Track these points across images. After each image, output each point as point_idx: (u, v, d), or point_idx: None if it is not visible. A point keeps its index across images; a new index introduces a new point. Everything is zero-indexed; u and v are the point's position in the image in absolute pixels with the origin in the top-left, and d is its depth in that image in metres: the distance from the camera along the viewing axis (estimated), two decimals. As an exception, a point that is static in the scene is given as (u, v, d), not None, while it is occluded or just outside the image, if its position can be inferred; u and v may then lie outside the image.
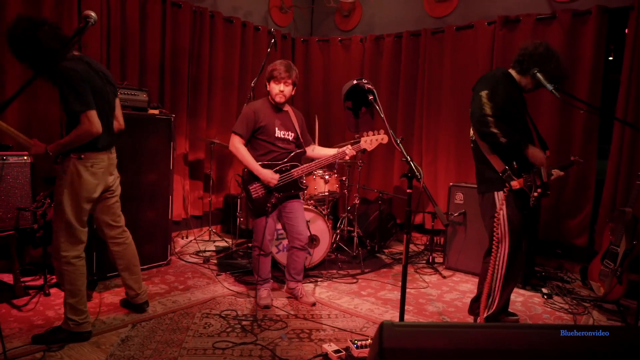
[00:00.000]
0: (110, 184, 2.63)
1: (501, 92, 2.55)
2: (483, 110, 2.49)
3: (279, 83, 3.00)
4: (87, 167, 2.44)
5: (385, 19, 5.42)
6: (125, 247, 2.81)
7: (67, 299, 2.47)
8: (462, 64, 4.72)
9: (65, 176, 2.42)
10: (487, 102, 2.49)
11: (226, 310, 3.01)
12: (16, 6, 3.44)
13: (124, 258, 2.81)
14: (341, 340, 2.63)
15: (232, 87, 5.10)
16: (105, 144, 2.53)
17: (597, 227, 4.01)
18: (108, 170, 2.58)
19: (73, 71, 2.32)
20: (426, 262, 4.31)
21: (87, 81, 2.35)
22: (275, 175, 3.00)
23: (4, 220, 2.98)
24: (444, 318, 3.10)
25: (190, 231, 4.92)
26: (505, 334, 1.17)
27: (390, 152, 5.28)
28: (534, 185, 2.56)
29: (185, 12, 4.53)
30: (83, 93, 2.32)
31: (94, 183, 2.48)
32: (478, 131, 2.57)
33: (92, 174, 2.46)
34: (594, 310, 3.26)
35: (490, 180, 2.66)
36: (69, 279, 2.47)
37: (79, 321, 2.47)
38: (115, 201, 2.72)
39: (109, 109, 2.57)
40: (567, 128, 4.16)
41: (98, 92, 2.43)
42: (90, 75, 2.40)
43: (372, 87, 2.58)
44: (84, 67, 2.40)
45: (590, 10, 3.96)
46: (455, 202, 4.06)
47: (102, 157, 2.51)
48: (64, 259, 2.45)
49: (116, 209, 2.74)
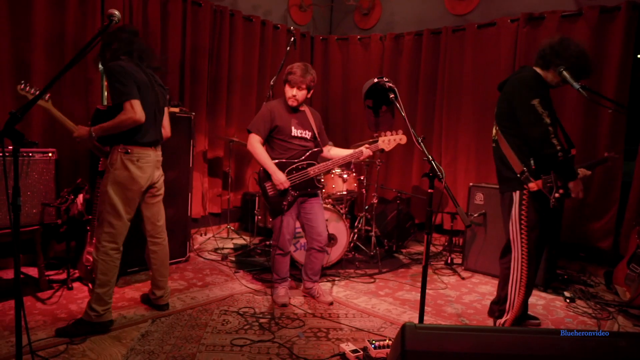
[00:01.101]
0: (155, 180, 2.70)
1: (548, 99, 2.48)
2: (543, 120, 2.40)
3: (292, 87, 3.02)
4: (133, 161, 2.51)
5: (405, 17, 5.36)
6: (162, 248, 2.88)
7: (96, 288, 2.52)
8: (484, 63, 4.64)
9: (112, 169, 2.50)
10: (543, 111, 2.41)
11: (244, 307, 3.02)
12: (42, 7, 3.52)
13: (158, 258, 2.87)
14: (359, 340, 2.62)
15: (251, 86, 5.12)
16: (152, 140, 2.60)
17: (623, 230, 3.90)
18: (155, 165, 2.66)
19: (119, 67, 2.44)
20: (445, 263, 4.26)
21: (131, 75, 2.45)
22: (287, 182, 2.99)
23: (30, 215, 3.05)
24: (463, 320, 3.06)
25: (209, 228, 4.96)
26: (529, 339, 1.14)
27: (409, 151, 5.23)
28: (555, 186, 2.49)
29: (206, 11, 4.57)
30: (127, 84, 2.41)
31: (141, 176, 2.55)
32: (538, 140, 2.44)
33: (139, 168, 2.54)
34: (619, 316, 3.17)
35: (510, 180, 2.62)
36: (102, 269, 2.53)
37: (101, 312, 2.52)
38: (158, 200, 2.80)
39: (156, 106, 2.64)
40: (593, 127, 4.06)
41: (144, 87, 2.52)
42: (137, 74, 2.50)
43: (393, 86, 2.55)
44: (132, 67, 2.50)
45: (619, 6, 3.85)
46: (475, 203, 4.00)
47: (149, 152, 2.59)
48: (102, 249, 2.52)
49: (159, 206, 2.82)
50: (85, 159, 3.80)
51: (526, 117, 2.47)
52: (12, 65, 3.45)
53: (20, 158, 2.98)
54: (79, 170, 3.79)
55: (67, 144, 3.69)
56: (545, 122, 2.41)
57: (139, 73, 2.52)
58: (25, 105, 1.75)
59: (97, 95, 3.86)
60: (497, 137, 2.67)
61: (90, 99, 3.82)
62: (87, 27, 3.76)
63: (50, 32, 3.60)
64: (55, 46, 3.64)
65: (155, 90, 2.63)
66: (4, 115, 3.34)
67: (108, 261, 2.54)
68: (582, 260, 4.18)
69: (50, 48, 3.61)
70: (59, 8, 3.64)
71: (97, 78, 3.86)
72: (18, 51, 3.47)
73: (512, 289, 2.65)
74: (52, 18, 3.61)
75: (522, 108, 2.49)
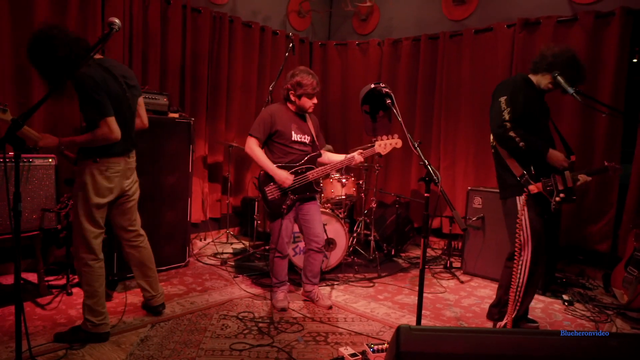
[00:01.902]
0: (126, 189, 2.62)
1: (520, 97, 2.54)
2: (501, 116, 2.49)
3: (312, 98, 3.09)
4: (101, 170, 2.45)
5: (403, 22, 5.40)
6: (140, 250, 2.82)
7: (85, 299, 2.51)
8: (481, 68, 4.68)
9: (80, 179, 2.45)
10: (505, 108, 2.49)
11: (243, 312, 3.03)
12: (43, 12, 3.55)
13: (138, 260, 2.82)
14: (357, 344, 2.63)
15: (250, 91, 5.15)
16: (122, 149, 2.53)
17: (621, 233, 3.91)
18: (124, 175, 2.58)
19: (89, 79, 2.32)
20: (444, 267, 4.27)
21: (103, 88, 2.36)
22: (290, 175, 3.03)
23: (30, 221, 3.06)
24: (461, 323, 3.07)
25: (209, 233, 4.98)
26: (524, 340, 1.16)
27: (407, 155, 5.26)
28: (556, 190, 2.52)
29: (205, 17, 4.61)
30: (100, 100, 2.33)
31: (107, 187, 2.49)
32: (496, 136, 2.56)
33: (106, 178, 2.47)
34: (617, 318, 3.18)
35: (511, 186, 2.64)
36: (86, 280, 2.50)
37: (96, 322, 2.50)
38: (132, 205, 2.72)
39: (129, 113, 2.57)
40: (589, 132, 4.08)
41: (116, 98, 2.44)
42: (108, 82, 2.41)
43: (390, 91, 2.58)
44: (101, 74, 2.40)
45: (614, 11, 3.88)
46: (473, 207, 4.01)
47: (118, 161, 2.52)
48: (81, 260, 2.50)
49: (132, 212, 2.74)
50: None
51: (491, 114, 2.57)
52: (13, 71, 3.48)
53: (20, 164, 2.98)
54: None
55: (67, 150, 3.71)
56: (502, 117, 2.48)
57: (110, 82, 2.42)
58: (26, 112, 1.77)
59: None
60: (495, 143, 2.70)
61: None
62: (87, 35, 3.78)
63: (50, 39, 3.63)
64: (56, 53, 3.66)
65: (127, 96, 2.54)
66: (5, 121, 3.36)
67: (90, 272, 2.50)
68: (580, 263, 4.19)
69: (50, 55, 3.63)
70: (60, 14, 3.66)
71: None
72: (19, 58, 3.49)
73: (516, 292, 2.66)
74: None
75: (491, 105, 2.60)
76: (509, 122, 2.47)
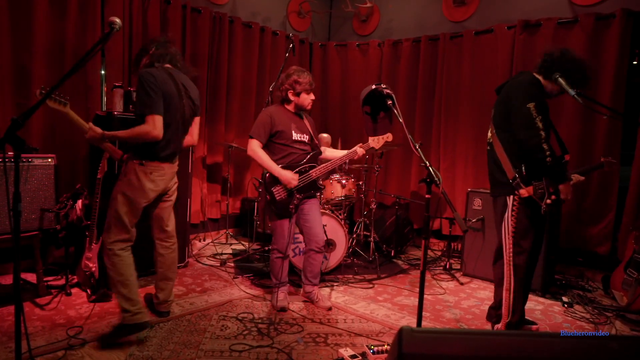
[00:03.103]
0: (168, 188, 2.72)
1: (544, 104, 2.50)
2: (535, 124, 2.42)
3: (310, 93, 3.13)
4: (146, 173, 2.52)
5: (403, 23, 5.41)
6: (170, 253, 2.88)
7: (120, 290, 2.51)
8: (481, 69, 4.68)
9: (126, 178, 2.52)
10: (537, 115, 2.43)
11: (243, 313, 3.02)
12: (43, 13, 3.54)
13: (165, 263, 2.87)
14: (357, 345, 2.62)
15: (250, 92, 5.15)
16: (168, 155, 2.59)
17: (620, 235, 3.91)
18: (168, 179, 2.68)
19: (150, 76, 2.44)
20: (443, 268, 4.27)
21: (160, 88, 2.45)
22: (295, 175, 3.05)
23: (29, 221, 3.05)
24: (461, 325, 3.07)
25: (208, 234, 4.97)
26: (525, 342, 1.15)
27: (407, 157, 5.26)
28: (547, 192, 2.50)
29: (205, 17, 4.60)
30: (153, 97, 2.41)
31: (152, 189, 2.56)
32: (530, 145, 2.45)
33: (151, 181, 2.54)
34: (616, 320, 3.18)
35: (503, 184, 2.63)
36: (118, 270, 2.52)
37: (134, 311, 2.51)
38: (169, 205, 2.81)
39: (181, 121, 2.64)
40: (589, 133, 4.09)
41: (171, 101, 2.52)
42: (167, 84, 2.50)
43: (391, 92, 2.57)
44: (163, 75, 2.51)
45: (614, 13, 3.89)
46: (473, 208, 4.02)
47: (163, 166, 2.59)
48: (110, 251, 2.52)
49: (169, 213, 2.83)
50: (84, 165, 3.81)
51: (520, 120, 2.49)
52: (12, 72, 3.47)
53: (20, 164, 2.98)
54: (78, 176, 3.80)
55: (67, 150, 3.70)
56: (537, 126, 2.43)
57: (169, 84, 2.52)
58: (26, 112, 1.77)
59: (97, 102, 3.88)
60: (492, 140, 2.69)
61: (90, 105, 3.84)
62: (87, 35, 3.79)
63: (50, 40, 3.63)
64: (56, 54, 3.66)
65: (183, 103, 2.62)
66: (4, 122, 3.35)
67: (119, 261, 2.53)
68: (580, 265, 4.19)
69: (50, 56, 3.63)
70: (60, 16, 3.66)
71: (97, 85, 3.89)
72: (19, 59, 3.49)
73: (505, 294, 2.66)
74: (53, 26, 3.64)
75: (517, 111, 2.51)
76: (543, 131, 2.42)
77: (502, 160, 2.60)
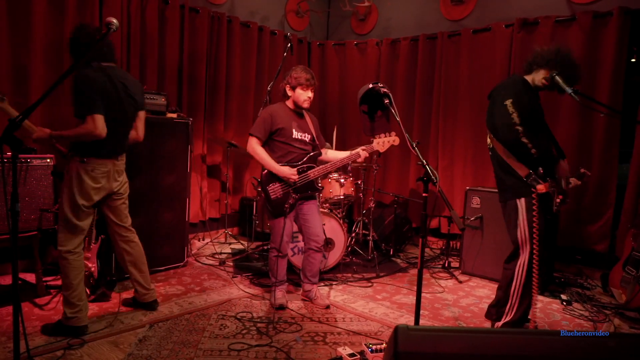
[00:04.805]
0: (114, 189, 2.71)
1: (525, 100, 2.50)
2: (512, 120, 2.42)
3: (306, 90, 3.09)
4: (87, 170, 2.53)
5: (401, 22, 5.41)
6: (133, 245, 2.89)
7: (63, 291, 2.58)
8: (479, 68, 4.68)
9: (68, 176, 2.54)
10: (513, 111, 2.43)
11: (242, 312, 3.03)
12: (41, 12, 3.54)
13: (131, 255, 2.88)
14: (356, 344, 2.63)
15: (248, 91, 5.15)
16: (109, 151, 2.61)
17: (619, 233, 3.92)
18: (112, 177, 2.67)
19: (86, 77, 2.45)
20: (442, 267, 4.27)
21: (97, 89, 2.46)
22: (294, 170, 3.05)
23: (28, 221, 3.06)
24: (460, 323, 3.07)
25: (207, 233, 4.97)
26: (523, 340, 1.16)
27: (406, 155, 5.26)
28: (557, 191, 2.51)
29: (203, 17, 4.60)
30: (90, 98, 2.43)
31: (93, 187, 2.56)
32: (507, 141, 2.48)
33: (92, 178, 2.55)
34: (615, 318, 3.19)
35: (513, 188, 2.60)
36: (64, 272, 2.57)
37: (69, 315, 2.55)
38: (122, 203, 2.81)
39: (123, 118, 2.65)
40: (587, 132, 4.09)
41: (111, 101, 2.53)
42: (105, 86, 2.50)
43: (388, 91, 2.58)
44: (101, 78, 2.50)
45: (611, 11, 3.89)
46: (472, 206, 4.02)
47: (105, 163, 2.60)
48: (60, 253, 2.56)
49: (122, 210, 2.83)
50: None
51: (498, 120, 2.50)
52: (10, 71, 3.47)
53: (18, 164, 2.99)
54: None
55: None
56: (514, 121, 2.42)
57: (107, 84, 2.52)
58: (24, 112, 1.77)
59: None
60: (493, 144, 2.68)
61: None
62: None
63: (49, 38, 3.62)
64: (54, 52, 3.66)
65: (123, 102, 2.62)
66: (2, 122, 3.35)
67: (65, 264, 2.56)
68: (578, 263, 4.20)
69: (49, 54, 3.63)
70: (58, 14, 3.66)
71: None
72: (17, 57, 3.49)
73: (514, 293, 2.65)
74: (51, 24, 3.63)
75: (496, 111, 2.52)
76: (520, 126, 2.42)
77: (509, 161, 2.58)
